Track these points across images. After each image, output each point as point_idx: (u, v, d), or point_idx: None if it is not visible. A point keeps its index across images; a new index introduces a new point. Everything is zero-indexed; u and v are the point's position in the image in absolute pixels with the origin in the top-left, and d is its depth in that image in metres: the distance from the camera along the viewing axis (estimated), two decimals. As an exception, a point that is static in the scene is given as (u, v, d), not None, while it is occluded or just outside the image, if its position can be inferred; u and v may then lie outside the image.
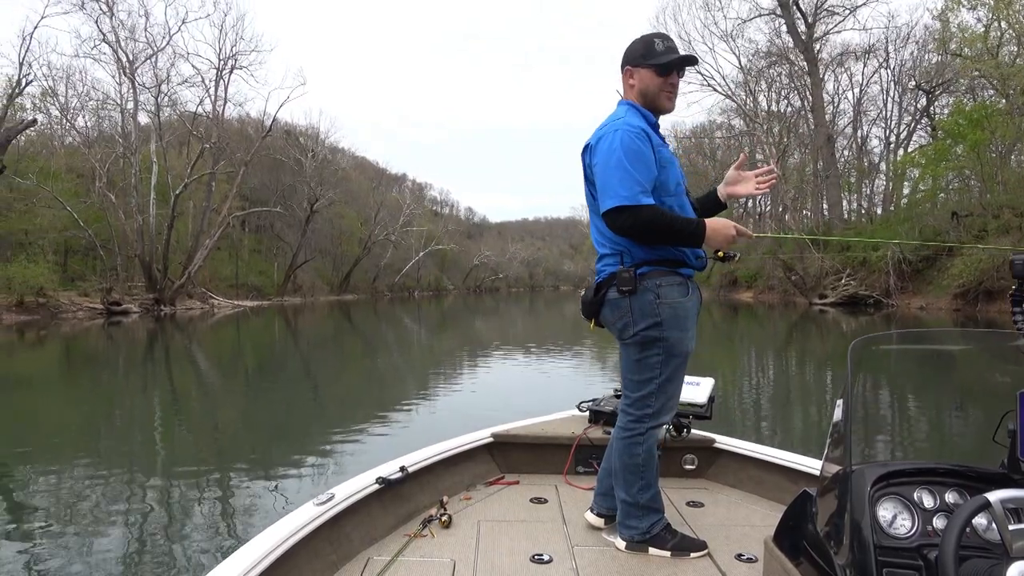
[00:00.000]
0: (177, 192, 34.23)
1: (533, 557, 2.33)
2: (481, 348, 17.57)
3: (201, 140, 37.17)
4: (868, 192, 44.22)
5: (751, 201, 58.34)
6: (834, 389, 9.29)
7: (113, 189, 34.13)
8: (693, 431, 3.23)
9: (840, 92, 43.64)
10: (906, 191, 38.55)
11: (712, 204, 2.63)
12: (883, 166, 42.68)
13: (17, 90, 30.74)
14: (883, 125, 43.20)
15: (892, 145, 42.59)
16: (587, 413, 3.46)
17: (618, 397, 3.33)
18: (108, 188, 33.68)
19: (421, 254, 70.41)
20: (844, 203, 41.36)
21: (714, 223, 2.29)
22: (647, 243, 2.29)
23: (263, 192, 49.47)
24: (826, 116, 39.50)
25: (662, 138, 2.38)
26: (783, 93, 44.41)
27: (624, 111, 2.37)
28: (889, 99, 42.17)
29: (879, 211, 41.52)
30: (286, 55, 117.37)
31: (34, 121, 27.49)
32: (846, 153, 44.44)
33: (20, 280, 27.27)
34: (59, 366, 14.68)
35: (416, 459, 2.85)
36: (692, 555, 2.35)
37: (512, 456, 3.29)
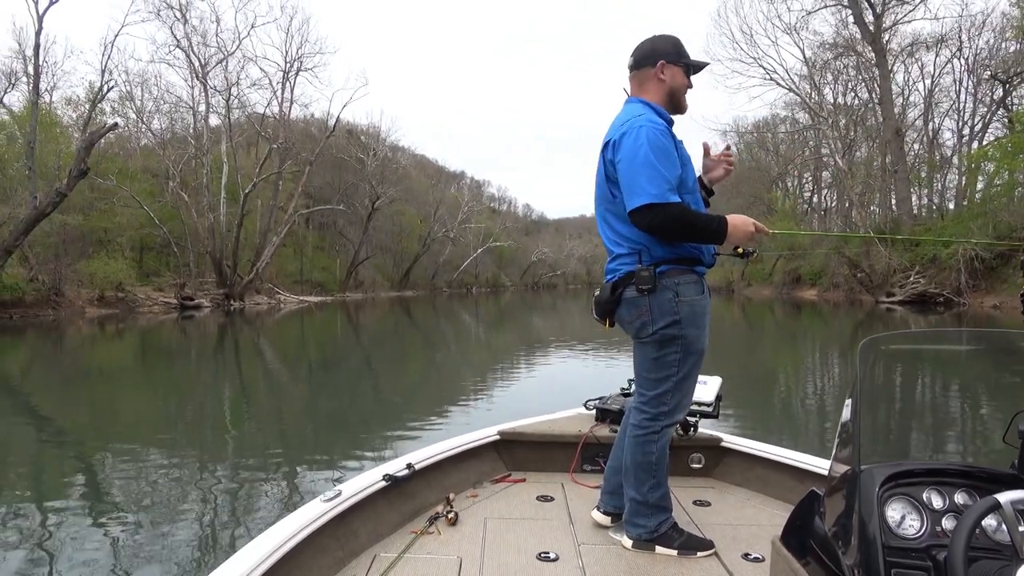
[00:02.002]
0: (246, 191, 35.50)
1: (540, 555, 2.33)
2: (526, 345, 17.72)
3: (269, 141, 38.43)
4: (939, 187, 42.54)
5: (816, 197, 56.98)
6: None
7: (186, 188, 35.63)
8: (700, 430, 3.22)
9: (910, 83, 42.10)
10: (980, 186, 36.98)
11: (704, 191, 2.62)
12: (956, 160, 40.98)
13: (100, 96, 32.47)
14: (956, 117, 41.36)
15: (966, 138, 40.80)
16: (594, 411, 3.44)
17: (625, 395, 3.39)
18: (181, 187, 35.18)
19: (479, 251, 71.02)
20: (914, 198, 39.93)
21: (735, 220, 2.29)
22: (672, 240, 2.28)
23: (326, 190, 50.75)
24: (895, 109, 38.16)
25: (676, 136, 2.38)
26: (850, 85, 43.17)
27: (642, 108, 2.34)
28: (963, 90, 40.39)
29: (951, 206, 39.96)
30: (349, 57, 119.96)
31: (115, 125, 28.88)
32: (916, 147, 42.84)
33: (101, 276, 28.77)
34: (135, 358, 15.54)
35: (423, 456, 2.86)
36: (699, 554, 2.34)
37: (519, 454, 3.29)
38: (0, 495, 5.03)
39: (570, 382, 10.49)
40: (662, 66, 2.37)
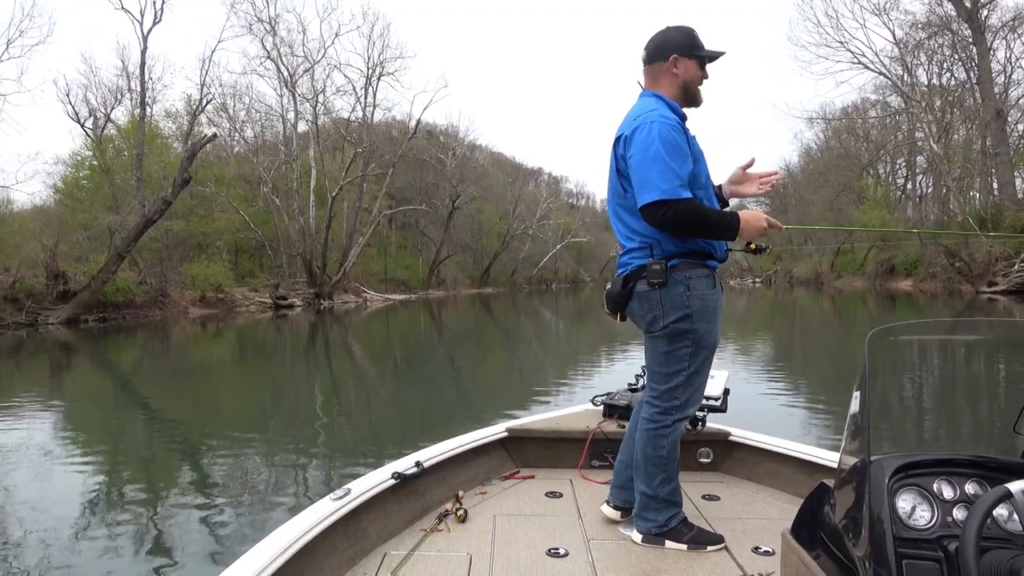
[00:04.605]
0: (333, 194, 36.82)
1: (549, 551, 2.34)
2: (606, 341, 17.76)
3: (354, 145, 39.76)
4: (1048, 170, 39.86)
5: (911, 183, 54.37)
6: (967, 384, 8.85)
7: (277, 193, 37.24)
8: (708, 424, 3.23)
9: (1013, 61, 39.56)
10: (1094, 167, 34.48)
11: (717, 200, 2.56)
12: (1066, 140, 38.34)
13: (200, 108, 34.51)
14: (1066, 94, 38.73)
15: (1077, 116, 38.15)
16: (601, 407, 3.46)
17: (632, 391, 3.45)
18: (273, 192, 36.82)
19: (558, 247, 71.14)
20: (1017, 182, 37.57)
21: (747, 215, 2.28)
22: (683, 236, 2.28)
23: (408, 191, 51.91)
24: (995, 88, 36.03)
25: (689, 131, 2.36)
26: (945, 66, 40.98)
27: (655, 103, 2.32)
28: (1074, 64, 37.76)
29: (1062, 190, 37.40)
30: (427, 59, 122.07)
31: (214, 136, 30.49)
32: (1020, 127, 40.32)
33: (202, 278, 30.50)
34: (233, 355, 16.58)
35: (431, 454, 2.88)
36: (709, 548, 2.35)
37: (527, 451, 3.32)
38: (112, 475, 5.68)
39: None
40: (675, 60, 2.35)
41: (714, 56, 2.40)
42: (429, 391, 9.86)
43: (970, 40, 35.21)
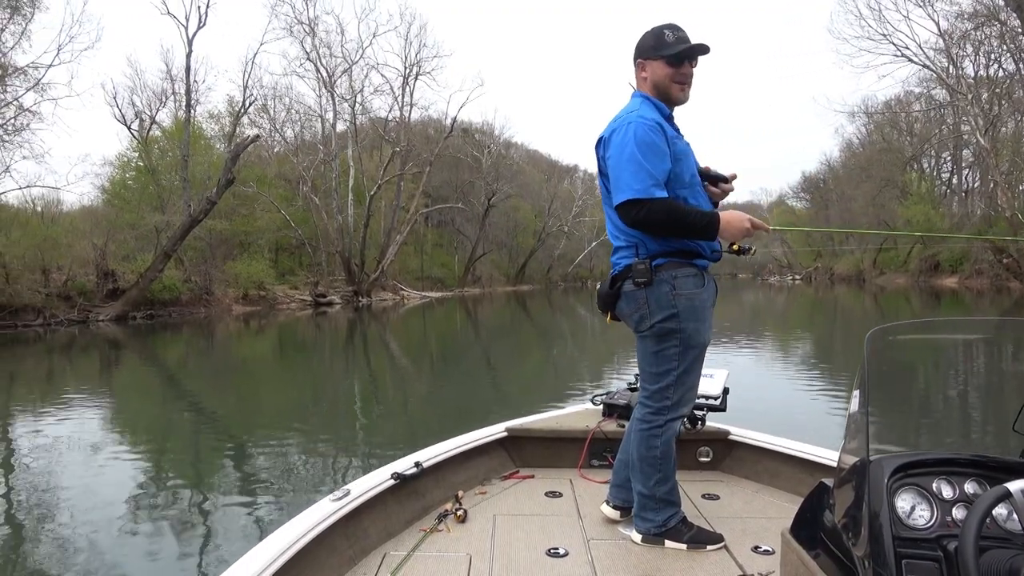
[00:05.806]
0: (372, 193, 37.31)
1: (549, 551, 2.33)
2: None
3: (392, 144, 40.23)
4: (1101, 163, 38.55)
5: (956, 177, 53.02)
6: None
7: (316, 192, 37.88)
8: (708, 423, 3.22)
9: (1064, 50, 38.35)
10: None
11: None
12: (1121, 132, 37.02)
13: (243, 111, 35.26)
14: (1121, 85, 37.40)
15: None
16: (601, 407, 3.47)
17: (632, 390, 3.45)
18: (312, 191, 37.46)
19: (594, 244, 70.81)
20: (1070, 177, 36.46)
21: (728, 216, 2.26)
22: (660, 236, 2.27)
23: (444, 189, 52.28)
24: (1046, 79, 34.96)
25: (676, 129, 2.37)
26: (992, 57, 39.90)
27: (638, 103, 2.34)
28: None
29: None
30: (462, 58, 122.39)
31: (257, 137, 31.09)
32: (1072, 119, 39.02)
33: (245, 276, 31.11)
34: (275, 352, 17.04)
35: (431, 454, 2.87)
36: (708, 548, 2.34)
37: (526, 450, 3.31)
38: (148, 469, 5.97)
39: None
40: (641, 64, 2.38)
41: (684, 53, 2.30)
42: (458, 389, 10.05)
43: (1019, 30, 34.18)
